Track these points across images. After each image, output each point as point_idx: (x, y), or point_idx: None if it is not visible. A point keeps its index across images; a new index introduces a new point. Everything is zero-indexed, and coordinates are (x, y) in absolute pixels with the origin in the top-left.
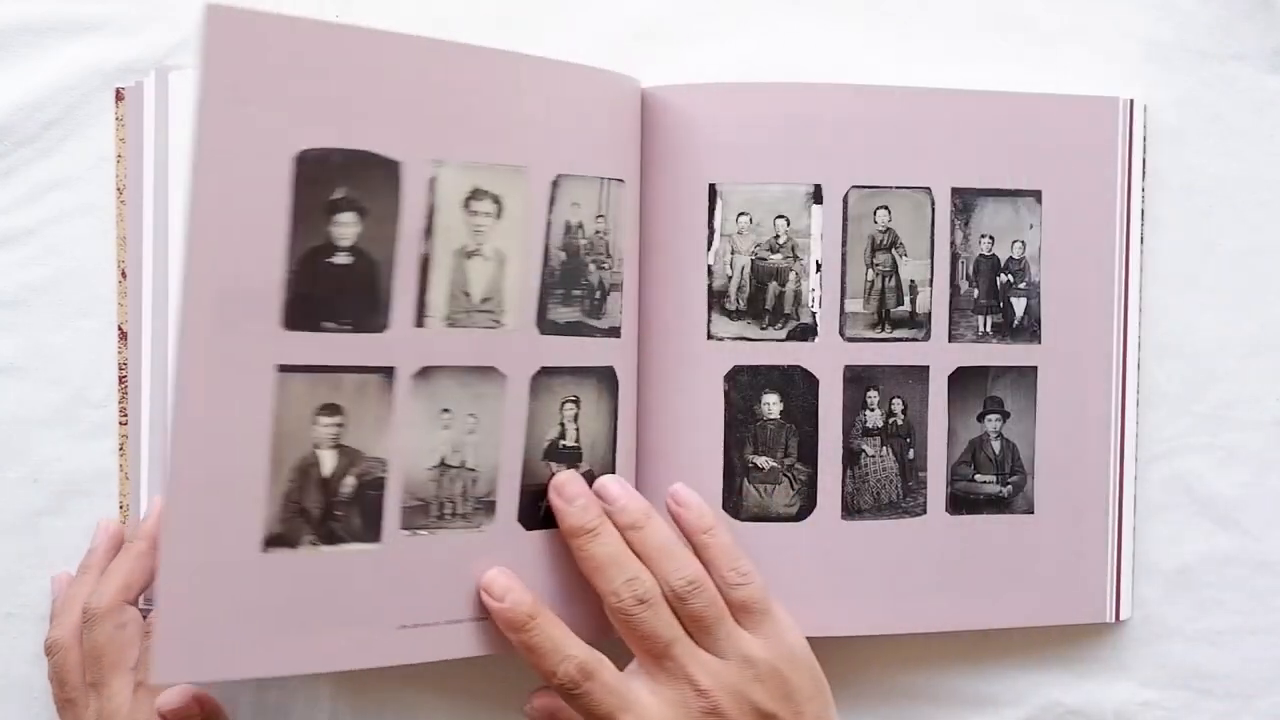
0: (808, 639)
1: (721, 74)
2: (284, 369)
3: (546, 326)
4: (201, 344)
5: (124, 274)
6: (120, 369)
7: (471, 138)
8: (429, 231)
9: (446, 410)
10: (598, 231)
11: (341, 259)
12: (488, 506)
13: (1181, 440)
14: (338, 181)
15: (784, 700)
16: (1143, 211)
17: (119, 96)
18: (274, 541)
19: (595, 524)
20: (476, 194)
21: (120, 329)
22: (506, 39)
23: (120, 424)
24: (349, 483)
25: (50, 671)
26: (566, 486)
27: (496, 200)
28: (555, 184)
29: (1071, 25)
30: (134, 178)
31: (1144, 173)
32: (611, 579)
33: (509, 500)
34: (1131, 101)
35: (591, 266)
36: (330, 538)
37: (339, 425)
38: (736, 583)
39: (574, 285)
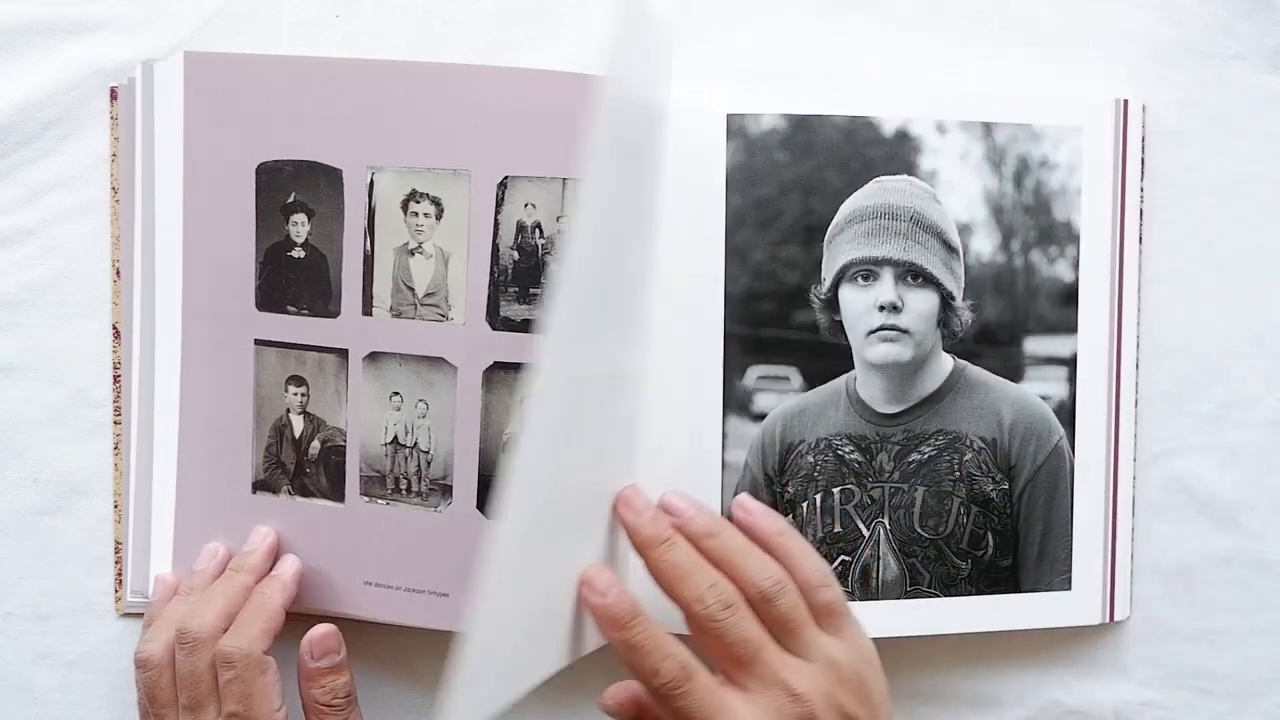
0: None
1: (720, 74)
2: (259, 343)
3: (499, 323)
4: (201, 318)
5: (118, 273)
6: (115, 368)
7: (407, 145)
8: (370, 230)
9: (396, 394)
10: (560, 232)
11: (297, 253)
12: (444, 489)
13: (1181, 440)
14: (290, 188)
15: (864, 703)
16: (1142, 212)
17: (113, 95)
18: (260, 486)
19: (669, 534)
20: (414, 196)
21: (115, 328)
22: (504, 39)
23: (115, 423)
24: (315, 446)
25: (141, 686)
26: (634, 500)
27: (436, 202)
28: (502, 185)
29: (1071, 25)
30: (126, 175)
31: (1143, 173)
32: (695, 586)
33: (467, 487)
34: (1127, 101)
35: (553, 266)
36: (304, 490)
37: (304, 395)
38: (821, 584)
39: (531, 284)
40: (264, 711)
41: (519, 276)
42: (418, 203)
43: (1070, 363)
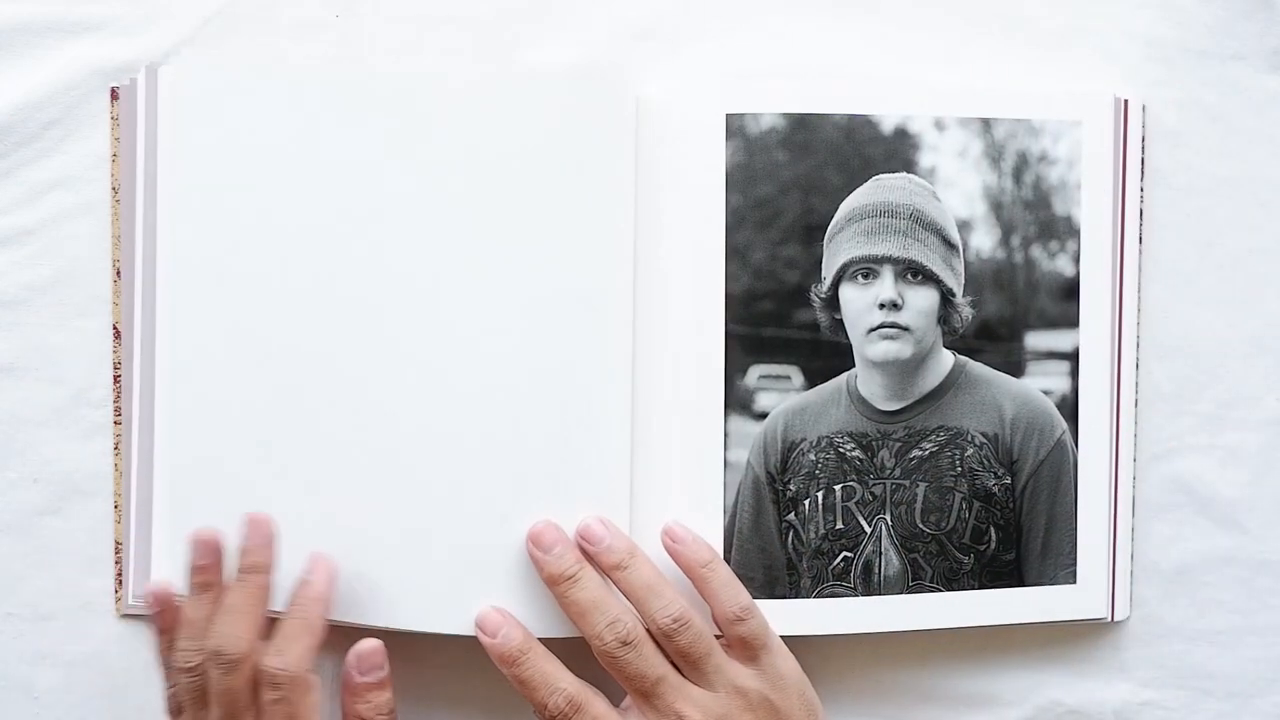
0: (808, 638)
1: (719, 73)
2: None
3: None
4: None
5: (119, 273)
6: (115, 368)
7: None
8: None
9: None
10: None
11: None
12: None
13: (1181, 440)
14: None
15: None
16: (1141, 211)
17: (114, 95)
18: None
19: (574, 570)
20: None
21: (115, 328)
22: (504, 39)
23: (115, 423)
24: None
25: (183, 691)
26: (543, 536)
27: None
28: None
29: (1071, 25)
30: (127, 176)
31: (1143, 173)
32: (594, 623)
33: None
34: (1127, 101)
35: None
36: None
37: None
38: (738, 618)
39: None
40: None
41: None
42: None
43: (1072, 357)
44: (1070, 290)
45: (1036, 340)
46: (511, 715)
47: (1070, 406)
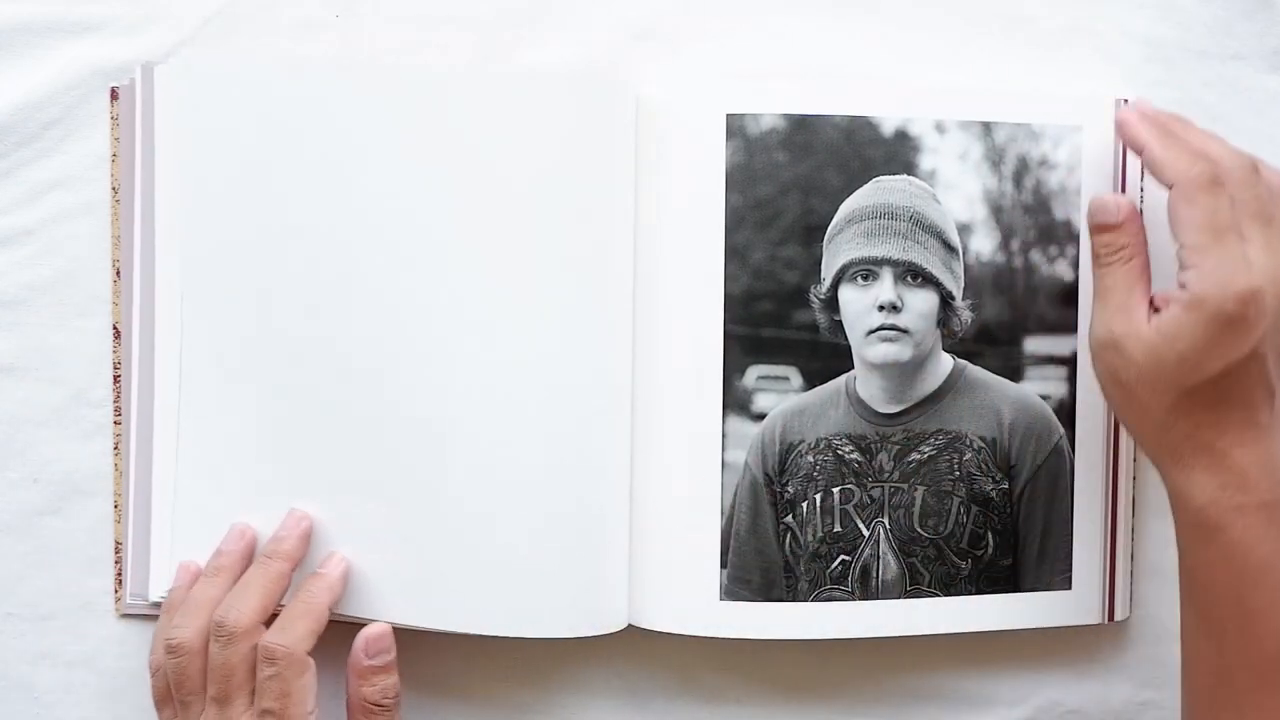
0: (806, 641)
1: (720, 74)
2: None
3: None
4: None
5: (118, 273)
6: (115, 368)
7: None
8: None
9: None
10: None
11: None
12: None
13: None
14: None
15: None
16: (1141, 212)
17: (114, 95)
18: None
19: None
20: None
21: (115, 328)
22: (504, 39)
23: (115, 423)
24: None
25: (170, 672)
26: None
27: None
28: None
29: (1071, 25)
30: (127, 176)
31: (1143, 173)
32: (1180, 155)
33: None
34: (1127, 101)
35: None
36: None
37: None
38: None
39: None
40: (298, 712)
41: None
42: None
43: (1070, 362)
44: (1069, 295)
45: (1035, 345)
46: (513, 713)
47: (1068, 412)
